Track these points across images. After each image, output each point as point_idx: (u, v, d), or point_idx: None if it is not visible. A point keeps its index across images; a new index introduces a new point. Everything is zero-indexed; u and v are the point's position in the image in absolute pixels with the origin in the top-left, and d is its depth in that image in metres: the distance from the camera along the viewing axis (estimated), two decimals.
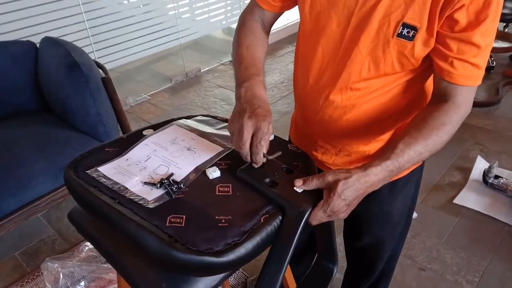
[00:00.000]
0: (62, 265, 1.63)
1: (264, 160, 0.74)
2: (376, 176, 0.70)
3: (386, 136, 0.94)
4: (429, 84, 0.88)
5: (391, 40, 0.76)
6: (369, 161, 0.73)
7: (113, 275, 1.60)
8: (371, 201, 0.74)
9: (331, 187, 0.68)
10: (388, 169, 0.71)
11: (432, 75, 0.84)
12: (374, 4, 0.75)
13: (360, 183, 0.68)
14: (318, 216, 0.68)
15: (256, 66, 0.83)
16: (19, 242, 1.85)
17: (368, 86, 0.84)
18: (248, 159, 0.73)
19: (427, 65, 0.81)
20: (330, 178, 0.68)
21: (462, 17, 0.70)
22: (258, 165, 0.74)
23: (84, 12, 2.50)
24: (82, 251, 1.73)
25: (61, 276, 1.61)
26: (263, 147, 0.71)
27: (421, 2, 0.71)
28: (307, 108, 0.95)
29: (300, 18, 0.90)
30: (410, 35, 0.74)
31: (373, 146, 0.94)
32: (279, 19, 1.00)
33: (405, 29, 0.74)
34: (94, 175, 0.76)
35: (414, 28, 0.73)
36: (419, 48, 0.75)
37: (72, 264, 1.65)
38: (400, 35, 0.75)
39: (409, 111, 0.90)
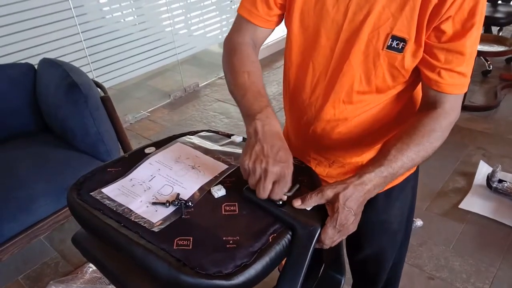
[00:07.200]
0: None
1: (285, 198, 0.71)
2: (371, 182, 0.70)
3: (379, 146, 0.94)
4: (418, 91, 0.89)
5: (381, 52, 0.77)
6: (362, 168, 0.73)
7: None
8: (368, 211, 0.74)
9: (333, 202, 0.67)
10: (382, 175, 0.71)
11: (420, 83, 0.85)
12: (363, 18, 0.76)
13: (358, 191, 0.68)
14: (330, 234, 0.67)
15: (263, 95, 0.79)
16: (22, 266, 1.83)
17: (361, 100, 0.85)
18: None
19: (415, 76, 0.82)
20: (329, 192, 0.68)
21: (448, 28, 0.71)
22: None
23: (82, 32, 2.52)
24: (86, 272, 1.71)
25: None
26: (285, 192, 0.70)
27: (409, 14, 0.72)
28: (299, 122, 0.95)
29: (287, 34, 0.89)
30: (400, 47, 0.75)
31: (366, 156, 0.95)
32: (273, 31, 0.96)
33: (394, 41, 0.75)
34: (98, 197, 0.75)
35: (403, 40, 0.74)
36: (409, 59, 0.77)
37: (77, 286, 1.63)
38: (389, 47, 0.76)
39: (400, 120, 0.90)
